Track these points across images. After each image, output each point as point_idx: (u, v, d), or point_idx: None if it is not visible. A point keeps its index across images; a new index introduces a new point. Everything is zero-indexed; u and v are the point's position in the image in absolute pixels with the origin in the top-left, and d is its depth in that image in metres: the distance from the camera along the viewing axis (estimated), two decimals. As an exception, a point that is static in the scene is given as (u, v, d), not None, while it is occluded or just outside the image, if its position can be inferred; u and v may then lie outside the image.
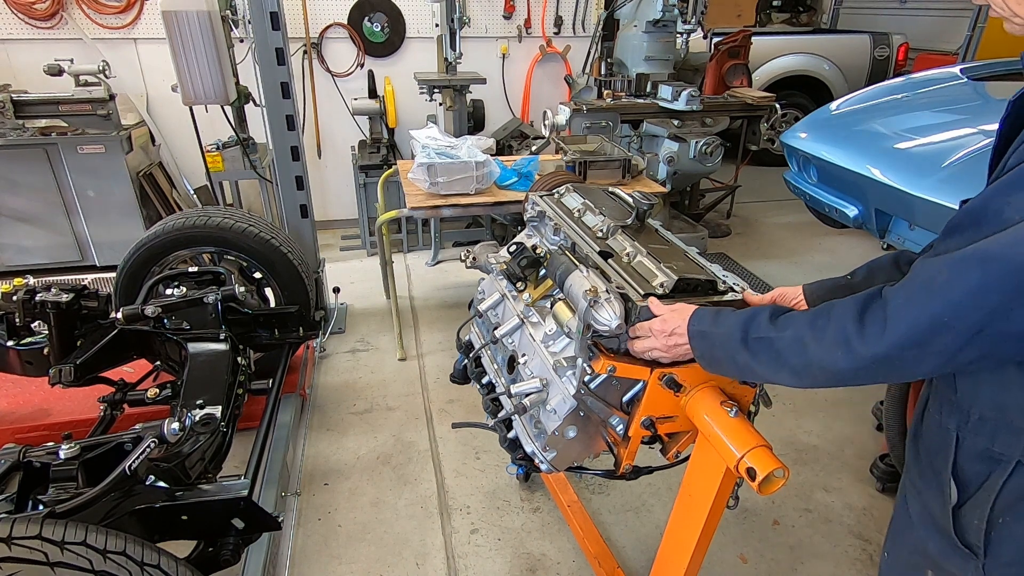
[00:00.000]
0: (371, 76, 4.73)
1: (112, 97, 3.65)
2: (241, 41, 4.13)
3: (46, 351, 2.16)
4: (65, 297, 2.12)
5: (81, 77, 3.57)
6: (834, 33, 7.33)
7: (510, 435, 1.60)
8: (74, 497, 1.36)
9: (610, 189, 1.89)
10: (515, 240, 1.81)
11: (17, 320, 2.13)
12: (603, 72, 5.20)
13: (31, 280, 2.18)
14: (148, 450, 1.50)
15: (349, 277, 4.40)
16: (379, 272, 4.10)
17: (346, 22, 4.79)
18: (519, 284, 1.64)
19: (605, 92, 4.38)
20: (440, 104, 4.61)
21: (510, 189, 3.28)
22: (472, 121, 4.75)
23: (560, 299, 1.46)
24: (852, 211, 3.39)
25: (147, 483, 1.54)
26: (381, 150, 4.75)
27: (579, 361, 1.32)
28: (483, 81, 4.50)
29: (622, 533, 2.32)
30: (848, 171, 3.30)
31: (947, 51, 6.56)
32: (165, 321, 2.20)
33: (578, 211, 1.72)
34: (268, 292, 2.83)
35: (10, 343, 2.19)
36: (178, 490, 1.60)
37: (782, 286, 1.40)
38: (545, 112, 4.01)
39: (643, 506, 2.44)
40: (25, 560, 1.13)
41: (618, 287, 1.32)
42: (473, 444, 2.76)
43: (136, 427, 1.71)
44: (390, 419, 2.94)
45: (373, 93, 4.74)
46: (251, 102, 3.66)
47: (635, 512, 2.41)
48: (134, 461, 1.45)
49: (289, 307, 2.61)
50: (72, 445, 1.52)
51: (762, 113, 4.48)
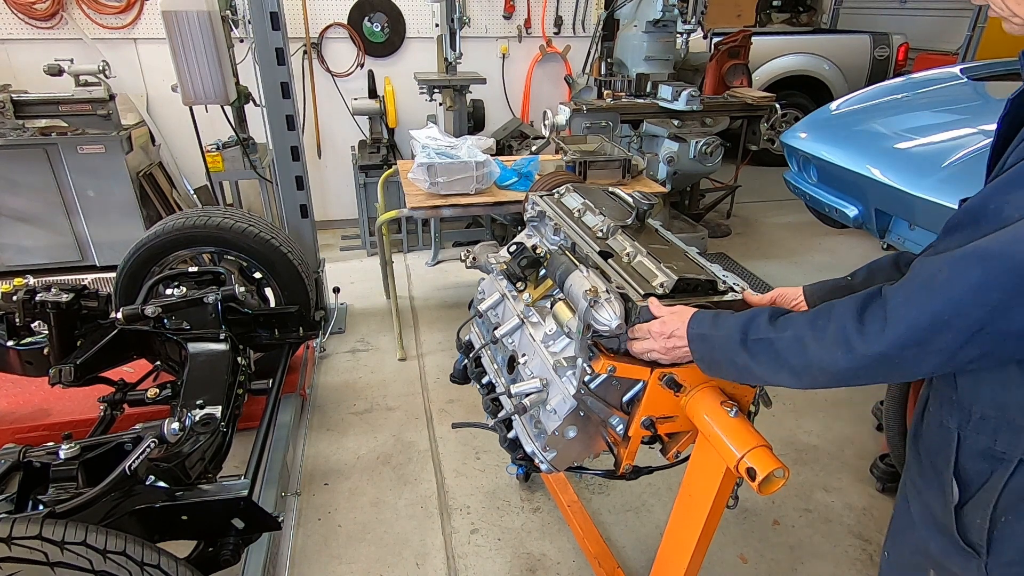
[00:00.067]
0: (371, 76, 4.73)
1: (112, 97, 3.65)
2: (241, 41, 4.13)
3: (46, 351, 2.16)
4: (65, 297, 2.12)
5: (81, 77, 3.57)
6: (834, 33, 7.33)
7: (510, 435, 1.60)
8: (74, 497, 1.36)
9: (610, 189, 1.89)
10: (515, 240, 1.81)
11: (17, 320, 2.13)
12: (603, 72, 5.20)
13: (31, 280, 2.18)
14: (148, 450, 1.50)
15: (349, 277, 4.40)
16: (379, 272, 4.10)
17: (346, 22, 4.79)
18: (519, 284, 1.64)
19: (605, 92, 4.38)
20: (440, 104, 4.61)
21: (510, 189, 3.28)
22: (472, 121, 4.75)
23: (560, 299, 1.46)
24: (852, 211, 3.39)
25: (147, 483, 1.54)
26: (381, 150, 4.75)
27: (579, 361, 1.32)
28: (483, 81, 4.51)
29: (622, 533, 2.32)
30: (848, 171, 3.30)
31: (947, 51, 6.56)
32: (165, 321, 2.20)
33: (578, 211, 1.71)
34: (268, 292, 2.83)
35: (10, 343, 2.19)
36: (178, 490, 1.60)
37: (782, 286, 1.40)
38: (545, 112, 4.01)
39: (643, 506, 2.44)
40: (25, 560, 1.13)
41: (618, 287, 1.32)
42: (473, 444, 2.76)
43: (136, 427, 1.71)
44: (390, 419, 2.94)
45: (373, 93, 4.74)
46: (251, 102, 3.66)
47: (635, 512, 2.41)
48: (134, 461, 1.45)
49: (289, 307, 2.61)
50: (72, 445, 1.52)
51: (762, 113, 4.48)
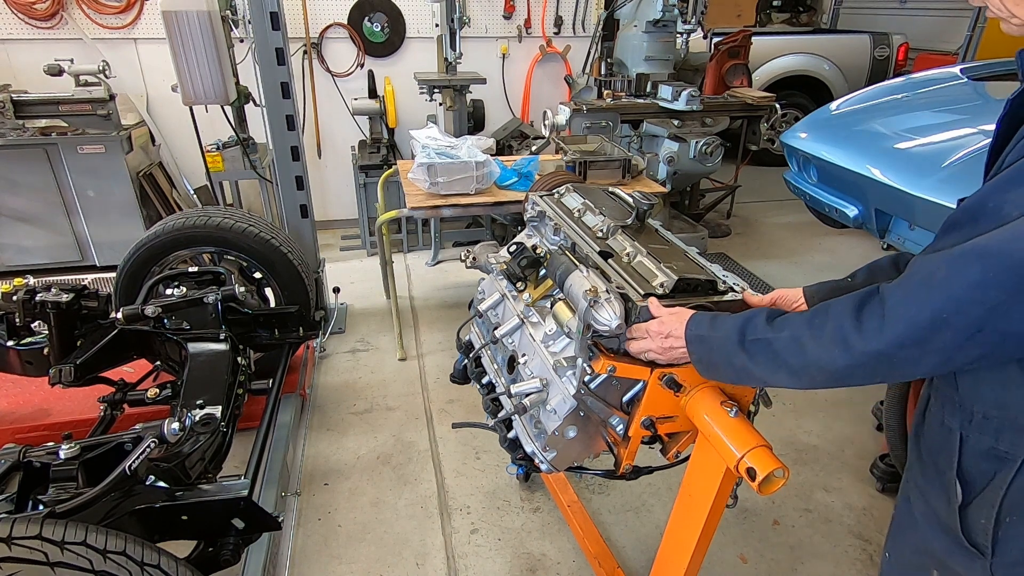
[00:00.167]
0: (371, 76, 4.73)
1: (112, 97, 3.65)
2: (241, 41, 4.13)
3: (46, 351, 2.16)
4: (65, 297, 2.12)
5: (81, 77, 3.57)
6: (834, 33, 7.33)
7: (510, 435, 1.60)
8: (74, 497, 1.36)
9: (610, 189, 1.89)
10: (515, 240, 1.81)
11: (17, 320, 2.13)
12: (603, 72, 5.20)
13: (31, 280, 2.18)
14: (148, 450, 1.50)
15: (349, 277, 4.40)
16: (379, 272, 4.10)
17: (346, 22, 4.79)
18: (519, 284, 1.64)
19: (605, 92, 4.38)
20: (440, 104, 4.61)
21: (510, 189, 3.28)
22: (472, 121, 4.75)
23: (560, 299, 1.46)
24: (852, 211, 3.39)
25: (147, 483, 1.54)
26: (381, 150, 4.75)
27: (579, 361, 1.32)
28: (483, 81, 4.50)
29: (622, 533, 2.32)
30: (848, 171, 3.30)
31: (947, 51, 6.56)
32: (165, 321, 2.20)
33: (578, 211, 1.71)
34: (268, 292, 2.83)
35: (10, 343, 2.19)
36: (178, 490, 1.60)
37: (782, 286, 1.40)
38: (545, 112, 4.01)
39: (643, 506, 2.44)
40: (25, 560, 1.13)
41: (618, 287, 1.32)
42: (473, 444, 2.76)
43: (136, 427, 1.71)
44: (390, 419, 2.94)
45: (373, 93, 4.74)
46: (251, 102, 3.66)
47: (635, 512, 2.41)
48: (134, 461, 1.45)
49: (289, 307, 2.61)
50: (72, 445, 1.52)
51: (762, 113, 4.48)
